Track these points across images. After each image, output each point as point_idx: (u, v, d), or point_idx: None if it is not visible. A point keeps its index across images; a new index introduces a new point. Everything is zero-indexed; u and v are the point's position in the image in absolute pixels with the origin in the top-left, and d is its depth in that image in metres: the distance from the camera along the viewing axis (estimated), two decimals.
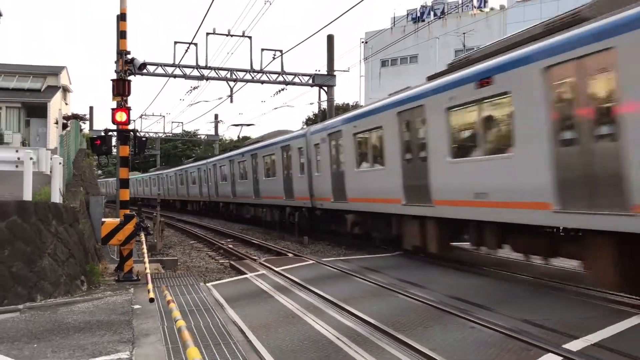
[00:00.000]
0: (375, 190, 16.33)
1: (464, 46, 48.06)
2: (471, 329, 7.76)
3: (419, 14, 64.72)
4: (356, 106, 30.44)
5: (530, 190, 10.05)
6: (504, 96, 10.90)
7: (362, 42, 63.73)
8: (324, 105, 28.73)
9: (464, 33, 48.39)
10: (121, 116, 13.44)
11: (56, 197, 11.98)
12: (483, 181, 11.42)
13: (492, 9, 62.60)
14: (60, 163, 12.79)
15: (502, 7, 61.16)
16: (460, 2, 62.43)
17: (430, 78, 13.91)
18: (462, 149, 12.52)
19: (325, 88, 28.16)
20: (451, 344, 7.11)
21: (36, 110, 39.04)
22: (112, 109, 13.47)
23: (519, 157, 10.46)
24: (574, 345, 6.73)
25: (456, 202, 12.28)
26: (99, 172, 58.47)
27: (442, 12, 61.28)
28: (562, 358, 6.32)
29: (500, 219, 11.21)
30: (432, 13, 62.74)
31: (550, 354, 6.46)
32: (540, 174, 9.77)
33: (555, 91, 9.64)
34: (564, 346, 6.71)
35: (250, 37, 25.88)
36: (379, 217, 16.72)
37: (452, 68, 13.15)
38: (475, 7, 62.56)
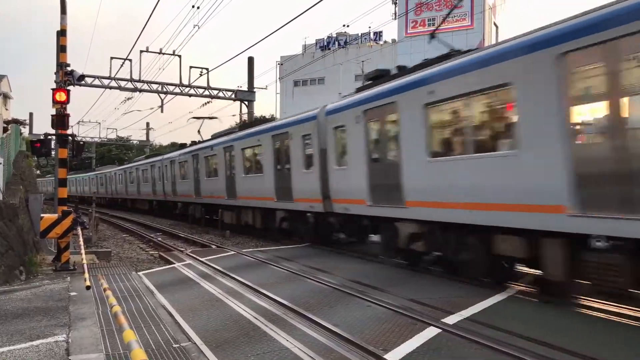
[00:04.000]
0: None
1: (363, 72, 49.13)
2: (368, 307, 7.91)
3: (325, 43, 65.70)
4: (272, 119, 30.22)
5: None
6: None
7: (278, 64, 63.85)
8: (245, 117, 28.43)
9: (362, 61, 49.51)
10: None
11: None
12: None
13: (385, 41, 64.58)
14: (0, 163, 11.88)
15: (393, 41, 63.18)
16: (359, 35, 63.94)
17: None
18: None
19: (246, 102, 27.93)
20: (351, 320, 7.20)
21: None
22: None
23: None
24: (451, 319, 7.00)
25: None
26: (38, 172, 54.69)
27: (345, 43, 62.55)
28: (441, 330, 6.56)
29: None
30: (336, 43, 63.81)
31: (432, 327, 6.68)
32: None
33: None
34: (442, 320, 6.96)
35: (180, 56, 25.35)
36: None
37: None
38: (372, 40, 64.32)
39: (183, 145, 30.48)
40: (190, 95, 26.08)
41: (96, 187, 52.37)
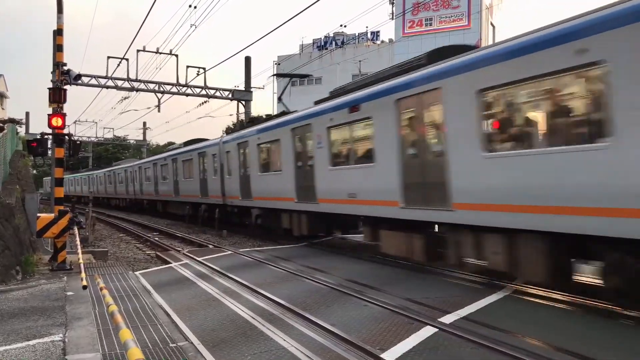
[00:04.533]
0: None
1: (360, 71, 49.23)
2: (365, 306, 7.92)
3: (322, 43, 65.67)
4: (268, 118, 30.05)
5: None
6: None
7: (275, 63, 63.87)
8: (242, 116, 28.42)
9: (359, 60, 49.55)
10: (57, 121, 12.70)
11: None
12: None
13: (382, 41, 64.63)
14: None
15: (390, 40, 63.22)
16: (357, 34, 63.95)
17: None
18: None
19: (243, 102, 27.89)
20: (348, 319, 7.21)
21: None
22: (49, 115, 12.74)
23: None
24: (448, 319, 7.01)
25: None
26: (34, 171, 54.43)
27: (342, 43, 62.56)
28: (437, 329, 6.58)
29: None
30: (333, 43, 63.78)
31: (428, 326, 6.70)
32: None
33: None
34: (439, 319, 6.98)
35: (177, 55, 25.30)
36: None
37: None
38: (369, 40, 64.34)
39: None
40: (187, 95, 26.07)
41: (113, 185, 44.92)
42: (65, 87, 14.00)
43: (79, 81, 18.36)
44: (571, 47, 7.02)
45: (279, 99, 12.77)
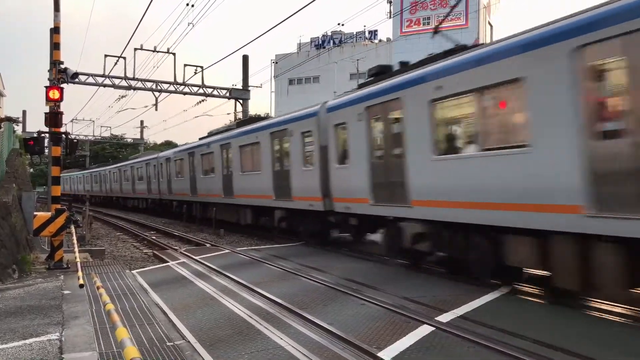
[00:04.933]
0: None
1: (358, 70, 49.22)
2: (362, 305, 7.93)
3: (320, 42, 65.65)
4: (267, 117, 29.89)
5: None
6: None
7: (273, 62, 63.80)
8: (240, 115, 28.38)
9: (357, 60, 49.52)
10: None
11: None
12: None
13: (380, 40, 64.62)
14: None
15: (388, 39, 63.23)
16: (355, 33, 63.95)
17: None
18: None
19: (241, 101, 27.85)
20: (345, 318, 7.21)
21: None
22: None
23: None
24: (444, 318, 7.03)
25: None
26: (31, 170, 54.13)
27: (340, 42, 62.47)
28: (434, 328, 6.59)
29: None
30: (331, 41, 63.74)
31: (425, 325, 6.71)
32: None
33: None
34: (436, 318, 6.99)
35: (174, 54, 25.15)
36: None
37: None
38: (367, 39, 64.34)
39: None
40: (184, 94, 25.95)
41: (131, 183, 37.31)
42: (62, 85, 13.94)
43: (76, 79, 18.28)
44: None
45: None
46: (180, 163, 26.82)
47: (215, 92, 26.79)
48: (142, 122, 58.98)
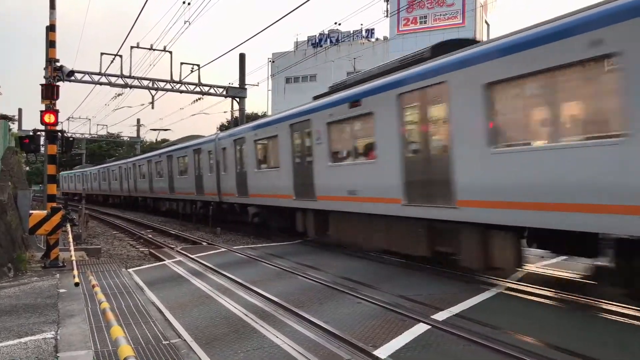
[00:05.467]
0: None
1: (354, 69, 49.12)
2: (358, 304, 7.93)
3: (317, 40, 65.70)
4: (263, 115, 29.88)
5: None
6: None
7: (270, 61, 63.79)
8: (237, 113, 28.36)
9: (354, 58, 49.49)
10: (50, 118, 12.60)
11: None
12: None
13: (377, 39, 64.63)
14: None
15: (385, 38, 63.25)
16: (351, 32, 63.92)
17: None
18: None
19: (238, 99, 27.80)
20: (341, 317, 7.22)
21: None
22: (41, 111, 12.62)
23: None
24: (440, 316, 7.04)
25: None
26: (27, 168, 53.91)
27: (337, 40, 62.45)
28: (430, 326, 6.60)
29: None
30: (328, 40, 63.72)
31: (421, 323, 6.72)
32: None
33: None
34: (432, 316, 7.00)
35: (170, 52, 25.06)
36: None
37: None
38: (363, 37, 64.31)
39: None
40: (181, 92, 25.88)
41: (147, 180, 31.82)
42: (57, 83, 13.90)
43: (72, 77, 18.24)
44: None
45: None
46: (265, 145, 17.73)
47: (212, 91, 26.74)
48: (138, 120, 58.67)
